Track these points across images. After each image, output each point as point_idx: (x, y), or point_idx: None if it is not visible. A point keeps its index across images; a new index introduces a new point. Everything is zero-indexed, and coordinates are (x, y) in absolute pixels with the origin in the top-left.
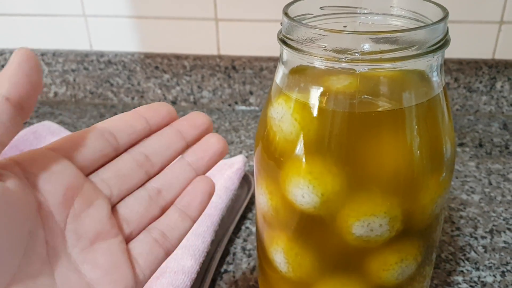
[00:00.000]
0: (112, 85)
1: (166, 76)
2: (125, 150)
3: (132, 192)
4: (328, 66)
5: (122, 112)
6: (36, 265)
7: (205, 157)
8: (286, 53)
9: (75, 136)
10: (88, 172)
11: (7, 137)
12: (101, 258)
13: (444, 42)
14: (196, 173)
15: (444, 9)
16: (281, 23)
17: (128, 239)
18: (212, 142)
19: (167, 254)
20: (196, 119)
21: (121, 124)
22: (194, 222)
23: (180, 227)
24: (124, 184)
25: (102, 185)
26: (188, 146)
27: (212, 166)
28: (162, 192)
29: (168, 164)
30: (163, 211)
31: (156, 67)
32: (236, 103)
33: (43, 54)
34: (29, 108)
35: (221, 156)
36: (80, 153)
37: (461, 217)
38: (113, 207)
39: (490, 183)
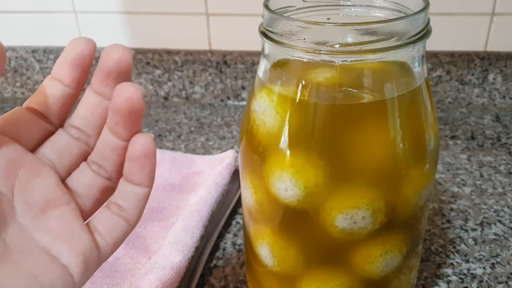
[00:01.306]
0: None
1: (158, 71)
2: (58, 118)
3: (75, 168)
4: (308, 59)
5: None
6: None
7: (122, 118)
8: (268, 46)
9: (6, 116)
10: (28, 149)
11: None
12: (54, 223)
13: (425, 33)
14: (127, 133)
15: (425, 0)
16: (262, 16)
17: (82, 212)
18: (124, 95)
19: (130, 223)
20: (109, 64)
21: (40, 97)
22: (148, 187)
23: (133, 196)
24: (63, 157)
25: (44, 160)
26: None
27: (133, 120)
28: (102, 165)
29: (101, 128)
30: (110, 181)
31: (148, 63)
32: (228, 98)
33: (34, 51)
34: None
35: (138, 107)
36: (15, 130)
37: (451, 209)
38: (62, 182)
39: (481, 176)
